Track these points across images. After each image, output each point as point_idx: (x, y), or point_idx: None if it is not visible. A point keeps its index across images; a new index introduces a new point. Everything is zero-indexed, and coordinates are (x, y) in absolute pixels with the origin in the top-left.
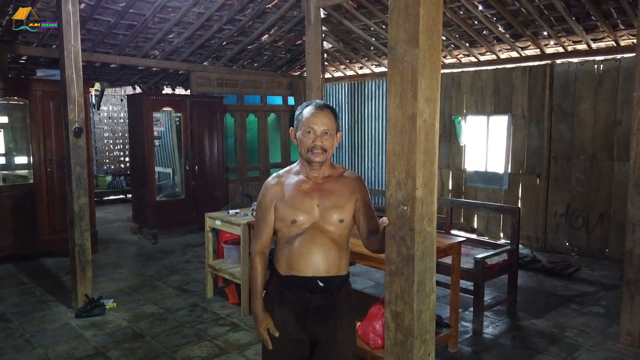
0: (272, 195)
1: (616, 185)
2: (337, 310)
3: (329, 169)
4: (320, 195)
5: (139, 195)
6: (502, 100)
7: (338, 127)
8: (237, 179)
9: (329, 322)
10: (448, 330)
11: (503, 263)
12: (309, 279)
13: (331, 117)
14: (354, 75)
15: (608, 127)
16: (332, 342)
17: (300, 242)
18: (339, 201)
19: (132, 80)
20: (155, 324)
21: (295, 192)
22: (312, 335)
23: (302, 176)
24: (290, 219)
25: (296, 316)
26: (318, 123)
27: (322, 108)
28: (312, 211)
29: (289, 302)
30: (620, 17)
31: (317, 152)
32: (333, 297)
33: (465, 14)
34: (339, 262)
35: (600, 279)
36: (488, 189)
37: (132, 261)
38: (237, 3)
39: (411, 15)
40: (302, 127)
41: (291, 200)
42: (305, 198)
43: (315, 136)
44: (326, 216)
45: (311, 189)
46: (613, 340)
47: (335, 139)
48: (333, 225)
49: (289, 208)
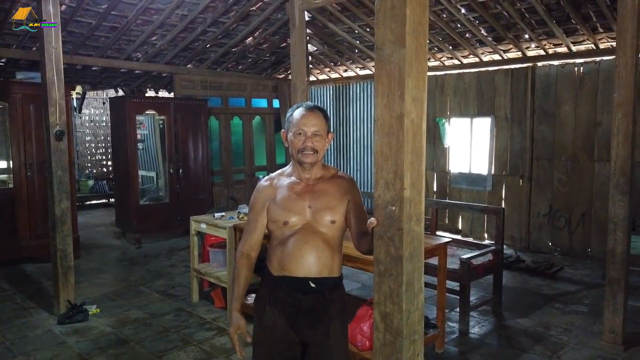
0: (264, 197)
1: (597, 185)
2: (329, 313)
3: (320, 170)
4: (312, 197)
5: (122, 199)
6: (485, 103)
7: (329, 129)
8: (222, 182)
9: (321, 325)
10: (435, 330)
11: (488, 263)
12: (300, 280)
13: (321, 118)
14: (338, 78)
15: (588, 129)
16: (324, 346)
17: (292, 242)
18: (331, 202)
19: (115, 83)
20: (140, 329)
21: (287, 193)
22: (304, 337)
23: (294, 178)
24: (282, 221)
25: (287, 317)
26: (308, 124)
27: (312, 109)
28: (303, 212)
29: (281, 302)
30: (599, 21)
31: (307, 152)
32: (325, 299)
33: (448, 17)
34: (331, 263)
35: (582, 277)
36: (472, 190)
37: (115, 266)
38: (221, 5)
39: (397, 16)
40: (292, 128)
41: (283, 201)
42: (297, 199)
43: (306, 137)
44: (318, 217)
45: (303, 190)
46: (596, 338)
47: (326, 140)
48: (325, 226)
49: (280, 209)
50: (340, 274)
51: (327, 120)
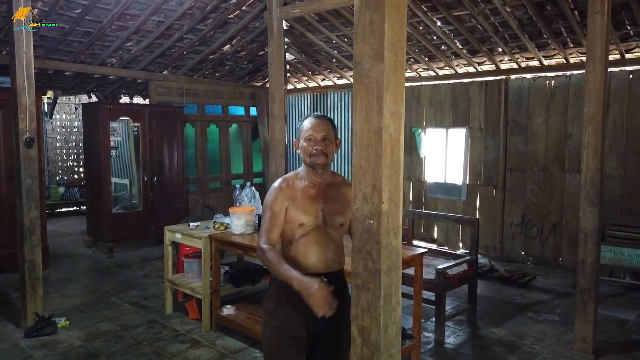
0: (284, 197)
1: (567, 196)
2: (340, 302)
3: (330, 176)
4: (325, 201)
5: (94, 207)
6: (460, 114)
7: (336, 135)
8: (198, 191)
9: (334, 317)
10: (411, 341)
11: (463, 273)
12: (314, 275)
13: (329, 125)
14: (316, 87)
15: (559, 140)
16: (334, 332)
17: (304, 242)
18: (341, 207)
19: (88, 89)
20: (111, 342)
21: (303, 196)
22: (315, 329)
23: (307, 182)
24: (299, 222)
25: (301, 313)
26: (317, 130)
27: (320, 117)
28: (317, 215)
29: (295, 298)
30: (569, 36)
31: (318, 155)
32: (336, 290)
33: (424, 30)
34: (338, 259)
35: (554, 287)
36: (447, 200)
37: (86, 276)
38: (199, 13)
39: (376, 32)
40: (303, 135)
41: (301, 204)
42: (312, 203)
43: (316, 142)
44: (329, 220)
45: (317, 194)
46: (568, 347)
47: (335, 145)
48: (334, 228)
49: (299, 211)
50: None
51: (334, 127)
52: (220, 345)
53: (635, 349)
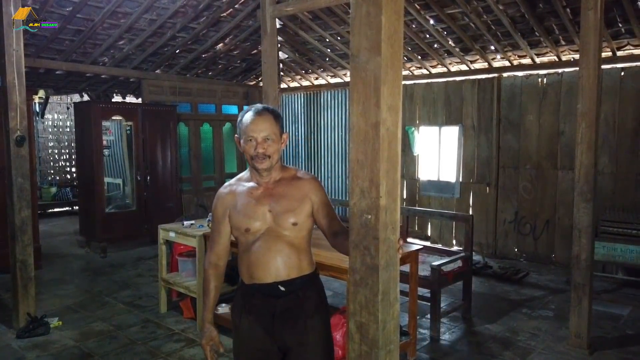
0: (224, 205)
1: (560, 192)
2: (305, 311)
3: (279, 172)
4: (272, 201)
5: (87, 207)
6: (453, 112)
7: (282, 129)
8: (192, 190)
9: (298, 324)
10: (407, 338)
11: (458, 270)
12: (270, 286)
13: (272, 121)
14: (309, 85)
15: (552, 138)
16: (304, 344)
17: (256, 249)
18: (291, 205)
19: (80, 88)
20: (105, 342)
21: (246, 199)
22: (283, 342)
23: (252, 183)
24: (244, 227)
25: (263, 324)
26: (257, 130)
27: (260, 113)
28: (264, 217)
29: (256, 310)
30: (561, 34)
31: (260, 159)
32: (299, 298)
33: (417, 28)
34: (299, 263)
35: (547, 283)
36: (441, 198)
37: (79, 276)
38: (191, 11)
39: (373, 24)
40: (243, 135)
41: (243, 208)
42: (256, 205)
43: (257, 143)
44: (279, 221)
45: (262, 195)
46: (562, 342)
47: (280, 142)
48: (287, 229)
49: (241, 216)
50: (313, 269)
51: (278, 122)
52: None
53: (629, 344)
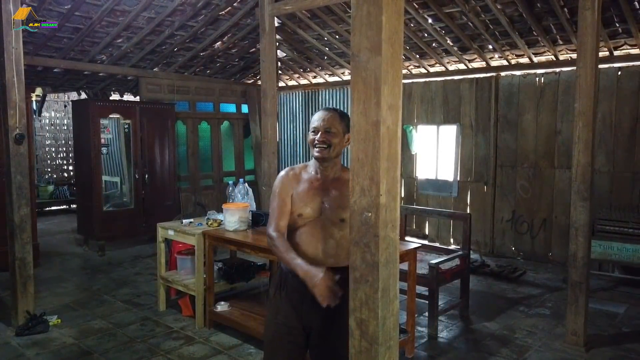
0: (289, 186)
1: (557, 191)
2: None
3: (340, 171)
4: (327, 194)
5: (84, 205)
6: (451, 111)
7: (347, 130)
8: (189, 188)
9: (324, 310)
10: (405, 335)
11: (456, 268)
12: None
13: (336, 117)
14: (307, 84)
15: (549, 137)
16: (328, 328)
17: (302, 233)
18: (344, 202)
19: (77, 86)
20: (104, 339)
21: (306, 187)
22: (309, 322)
23: (314, 173)
24: (297, 212)
25: (293, 302)
26: (321, 122)
27: (328, 110)
28: (317, 207)
29: (289, 289)
30: (559, 33)
31: (320, 147)
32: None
33: (415, 27)
34: (336, 254)
35: (544, 281)
36: (438, 196)
37: (77, 274)
38: (190, 9)
39: (373, 24)
40: (310, 127)
41: (302, 194)
42: (313, 194)
43: (319, 132)
44: (329, 214)
45: (320, 186)
46: (559, 340)
47: (342, 139)
48: (335, 223)
49: (298, 201)
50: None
51: (343, 120)
52: (215, 342)
53: (625, 342)
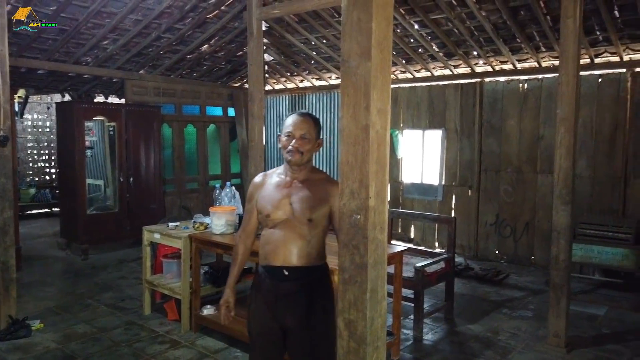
0: (255, 190)
1: (539, 196)
2: (306, 297)
3: (309, 173)
4: (294, 194)
5: (68, 209)
6: (436, 116)
7: (318, 135)
8: (175, 192)
9: (298, 308)
10: (391, 338)
11: (441, 271)
12: (277, 269)
13: (310, 124)
14: (294, 88)
15: (532, 142)
16: (302, 327)
17: (273, 234)
18: (311, 202)
19: (62, 88)
20: (88, 344)
21: (274, 189)
22: (284, 322)
23: (283, 176)
24: (265, 213)
25: (268, 303)
26: (296, 128)
27: (302, 115)
28: (285, 208)
29: (264, 289)
30: (542, 40)
31: (292, 152)
32: (301, 285)
33: (402, 32)
34: (307, 254)
35: (527, 284)
36: (424, 200)
37: (60, 278)
38: (177, 12)
39: (363, 30)
40: (284, 131)
41: (268, 196)
42: (280, 195)
43: (293, 139)
44: (297, 215)
45: (288, 188)
46: (542, 341)
47: (314, 145)
48: (303, 223)
49: (266, 203)
50: (322, 263)
51: (316, 127)
52: (201, 346)
53: (605, 343)
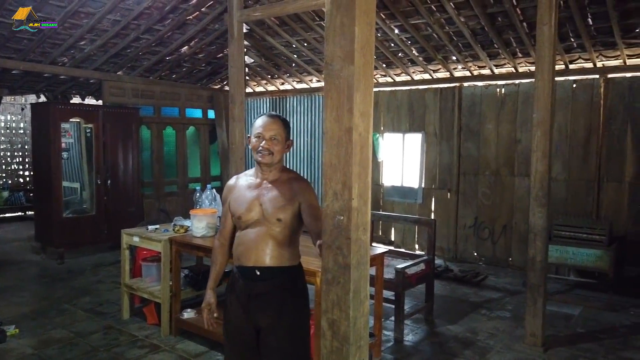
0: (228, 193)
1: (517, 198)
2: (280, 298)
3: (279, 173)
4: (264, 195)
5: (43, 212)
6: (416, 119)
7: (288, 136)
8: (153, 194)
9: (270, 308)
10: (372, 339)
11: (421, 273)
12: (249, 269)
13: (280, 125)
14: (275, 90)
15: (509, 145)
16: (274, 326)
17: (245, 235)
18: (279, 202)
19: (37, 88)
20: (66, 349)
21: (244, 190)
22: (256, 322)
23: (254, 177)
24: (237, 214)
25: (241, 303)
26: (266, 129)
27: (272, 117)
28: (255, 209)
29: (237, 289)
30: (518, 46)
31: (263, 153)
32: (274, 285)
33: (382, 37)
34: (279, 255)
35: (505, 285)
36: (404, 203)
37: (35, 283)
38: (157, 13)
39: (347, 34)
40: (254, 133)
41: (239, 198)
42: (250, 197)
43: (263, 140)
44: (267, 215)
45: (258, 189)
46: (519, 341)
47: (284, 145)
48: (274, 223)
49: (237, 204)
50: (295, 264)
51: (286, 128)
52: (181, 349)
53: (580, 342)
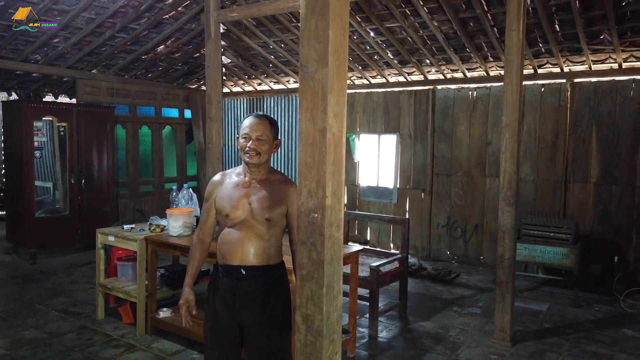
0: (213, 190)
1: (488, 198)
2: (263, 295)
3: (267, 173)
4: (252, 194)
5: (14, 212)
6: (391, 121)
7: (275, 136)
8: (129, 194)
9: (255, 306)
10: (347, 336)
11: (395, 271)
12: (234, 268)
13: (267, 125)
14: (252, 91)
15: (480, 147)
16: (258, 324)
17: (231, 233)
18: (269, 203)
19: (8, 86)
20: (39, 349)
21: (232, 189)
22: (241, 319)
23: (242, 176)
24: (224, 213)
25: (225, 301)
26: (253, 129)
27: (259, 117)
28: (243, 208)
29: (221, 288)
30: (489, 51)
31: (250, 154)
32: (258, 283)
33: (358, 39)
34: (264, 254)
35: (476, 283)
36: (379, 203)
37: (6, 284)
38: (132, 11)
39: (321, 37)
40: (241, 133)
41: (227, 196)
42: (239, 195)
43: (251, 140)
44: (255, 214)
45: (246, 188)
46: (488, 336)
47: (272, 145)
48: (261, 223)
49: (224, 202)
50: (279, 262)
51: (273, 128)
52: (157, 348)
53: (547, 336)
